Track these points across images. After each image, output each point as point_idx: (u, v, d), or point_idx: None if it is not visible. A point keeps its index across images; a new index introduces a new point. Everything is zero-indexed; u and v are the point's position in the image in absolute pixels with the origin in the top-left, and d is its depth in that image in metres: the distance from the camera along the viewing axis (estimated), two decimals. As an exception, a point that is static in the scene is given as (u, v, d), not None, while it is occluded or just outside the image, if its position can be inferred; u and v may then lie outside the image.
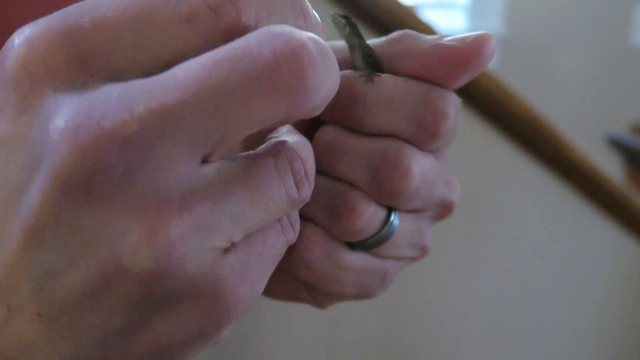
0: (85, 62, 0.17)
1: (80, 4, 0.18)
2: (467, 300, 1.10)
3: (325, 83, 0.18)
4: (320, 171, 0.28)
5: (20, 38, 0.18)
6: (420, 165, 0.27)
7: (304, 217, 0.28)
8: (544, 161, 1.02)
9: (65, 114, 0.17)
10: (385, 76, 0.27)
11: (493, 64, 2.23)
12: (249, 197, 0.19)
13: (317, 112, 0.19)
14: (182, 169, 0.17)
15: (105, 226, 0.17)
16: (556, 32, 2.33)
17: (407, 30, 0.28)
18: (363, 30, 0.86)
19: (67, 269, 0.18)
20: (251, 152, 0.20)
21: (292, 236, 0.22)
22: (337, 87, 0.19)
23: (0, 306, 0.18)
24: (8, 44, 0.18)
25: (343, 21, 0.29)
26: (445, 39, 0.27)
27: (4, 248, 0.18)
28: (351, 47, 0.28)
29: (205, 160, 0.18)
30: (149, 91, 0.17)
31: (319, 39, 0.18)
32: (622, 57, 2.38)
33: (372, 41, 0.29)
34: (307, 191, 0.21)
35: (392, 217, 0.28)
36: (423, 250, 0.31)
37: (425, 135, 0.26)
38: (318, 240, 0.28)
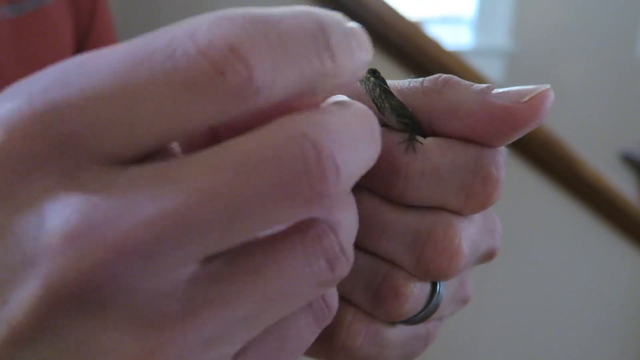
0: (75, 142, 0.15)
1: (66, 66, 0.16)
2: (478, 324, 1.09)
3: (355, 172, 0.16)
4: (357, 246, 0.25)
5: (2, 122, 0.16)
6: (469, 239, 0.25)
7: (342, 297, 0.26)
8: (555, 179, 1.01)
9: (62, 213, 0.15)
10: (428, 143, 0.24)
11: (499, 79, 2.23)
12: (267, 291, 0.16)
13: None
14: (185, 273, 0.15)
15: (96, 342, 0.15)
16: (563, 47, 2.34)
17: (446, 78, 0.25)
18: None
19: None
20: (270, 234, 0.17)
21: (327, 317, 0.19)
22: (373, 160, 0.17)
23: None
24: None
25: (372, 80, 0.25)
26: (494, 91, 0.24)
27: None
28: (381, 109, 0.25)
29: (210, 258, 0.16)
30: (156, 193, 0.15)
31: (355, 112, 0.17)
32: (631, 71, 2.38)
33: (404, 84, 0.26)
34: (344, 269, 0.18)
35: (438, 288, 0.26)
36: (465, 302, 0.29)
37: (475, 205, 0.24)
38: (360, 327, 0.26)
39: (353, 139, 0.16)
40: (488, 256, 0.28)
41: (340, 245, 0.18)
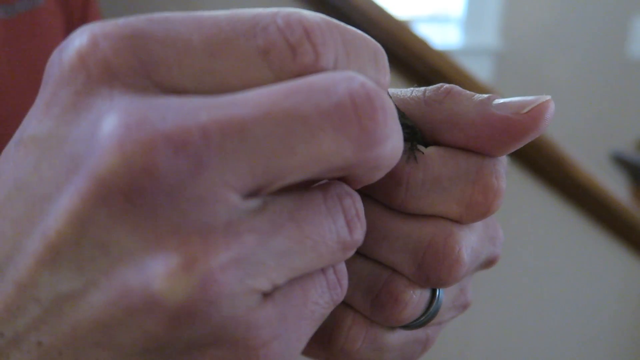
0: (150, 68, 0.17)
1: (152, 14, 0.18)
2: (470, 327, 1.09)
3: (392, 139, 0.18)
4: (358, 252, 0.26)
5: (83, 34, 0.17)
6: (469, 246, 0.25)
7: (342, 301, 0.27)
8: (546, 180, 1.02)
9: (119, 112, 0.16)
10: (429, 153, 0.25)
11: (488, 79, 2.25)
12: (297, 233, 0.18)
13: (378, 175, 0.19)
14: (231, 195, 0.16)
15: (138, 245, 0.16)
16: (552, 46, 2.36)
17: (448, 88, 0.26)
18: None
19: (84, 293, 0.16)
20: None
21: (339, 295, 0.21)
22: (399, 154, 0.19)
23: None
24: (70, 37, 0.17)
25: None
26: (495, 101, 0.24)
27: (16, 264, 0.16)
28: None
29: (251, 195, 0.17)
30: (217, 103, 0.16)
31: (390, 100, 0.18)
32: (621, 70, 2.41)
33: (405, 93, 0.26)
34: (359, 233, 0.20)
35: (437, 294, 0.27)
36: (465, 308, 0.30)
37: (475, 214, 0.25)
38: (359, 331, 0.27)
39: (393, 112, 0.18)
40: (489, 263, 0.29)
41: (356, 210, 0.20)
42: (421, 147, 0.25)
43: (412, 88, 0.27)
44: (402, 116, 0.25)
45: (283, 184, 0.17)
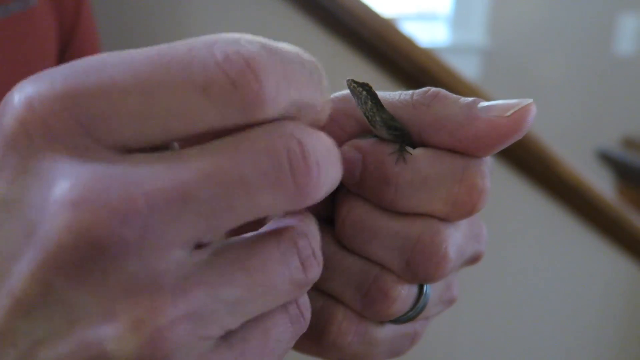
0: (89, 127, 0.17)
1: (87, 60, 0.18)
2: (456, 324, 1.10)
3: (328, 182, 0.19)
4: (348, 249, 0.28)
5: (20, 95, 0.17)
6: (455, 244, 0.27)
7: (333, 296, 0.29)
8: (532, 177, 1.03)
9: (66, 183, 0.17)
10: (417, 154, 0.26)
11: (475, 77, 2.26)
12: (248, 282, 0.18)
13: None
14: (177, 252, 0.17)
15: (92, 306, 0.17)
16: (539, 44, 2.37)
17: (435, 92, 0.27)
18: (343, 45, 0.86)
19: (52, 341, 0.17)
20: (251, 233, 0.20)
21: (302, 327, 0.22)
22: (338, 182, 0.20)
23: None
24: (7, 99, 0.18)
25: (364, 94, 0.26)
26: (480, 105, 0.26)
27: None
28: (372, 122, 0.27)
29: (199, 245, 0.18)
30: (160, 169, 0.17)
31: (329, 139, 0.19)
32: (608, 68, 2.42)
33: (394, 96, 0.27)
34: (315, 271, 0.20)
35: (425, 289, 0.28)
36: (451, 303, 0.31)
37: (461, 213, 0.26)
38: (350, 326, 0.28)
39: (328, 151, 0.19)
40: (474, 259, 0.30)
41: (312, 249, 0.20)
42: (409, 149, 0.26)
43: (400, 91, 0.28)
44: (391, 119, 0.27)
45: (221, 233, 0.18)
